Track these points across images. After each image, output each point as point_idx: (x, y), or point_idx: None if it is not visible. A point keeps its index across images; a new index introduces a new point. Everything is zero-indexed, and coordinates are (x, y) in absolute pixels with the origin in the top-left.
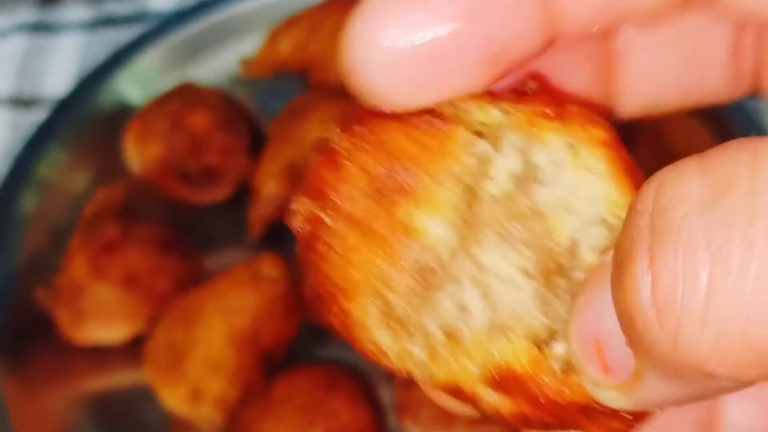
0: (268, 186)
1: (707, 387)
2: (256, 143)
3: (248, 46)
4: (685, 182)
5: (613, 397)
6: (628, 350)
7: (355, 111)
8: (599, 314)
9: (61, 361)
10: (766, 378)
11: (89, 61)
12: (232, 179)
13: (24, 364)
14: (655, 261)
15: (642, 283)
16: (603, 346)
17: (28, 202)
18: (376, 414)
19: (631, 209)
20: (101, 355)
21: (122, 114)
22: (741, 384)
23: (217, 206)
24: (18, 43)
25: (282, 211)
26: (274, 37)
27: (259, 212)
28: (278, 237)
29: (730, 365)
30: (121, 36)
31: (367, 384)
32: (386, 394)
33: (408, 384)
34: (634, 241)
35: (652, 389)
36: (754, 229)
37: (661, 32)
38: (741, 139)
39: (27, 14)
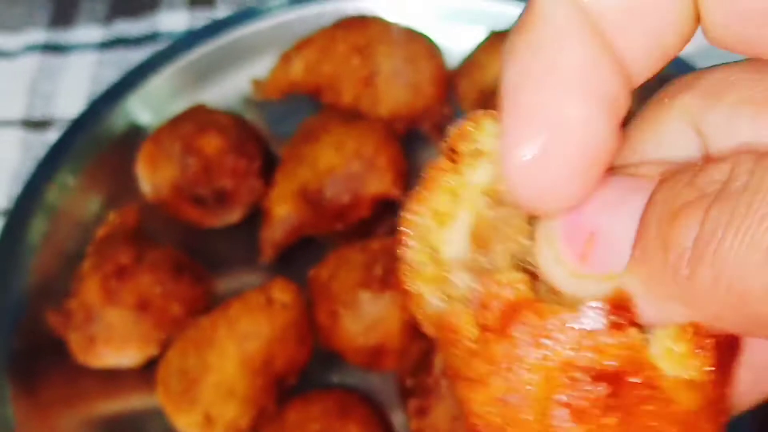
0: (281, 209)
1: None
2: (268, 166)
3: (260, 67)
4: (759, 175)
5: (564, 279)
6: (621, 251)
7: None
8: (614, 214)
9: (72, 384)
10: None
11: (101, 81)
12: (244, 202)
13: (35, 387)
14: (708, 216)
15: (693, 226)
16: (598, 239)
17: (39, 225)
18: None
19: (710, 170)
20: (113, 379)
21: (134, 136)
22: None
23: (229, 229)
24: (29, 63)
25: (294, 235)
26: (286, 58)
27: (271, 235)
28: (291, 260)
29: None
30: (133, 56)
31: (381, 410)
32: (399, 421)
33: (422, 411)
34: (702, 194)
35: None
36: None
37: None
38: None
39: (38, 34)
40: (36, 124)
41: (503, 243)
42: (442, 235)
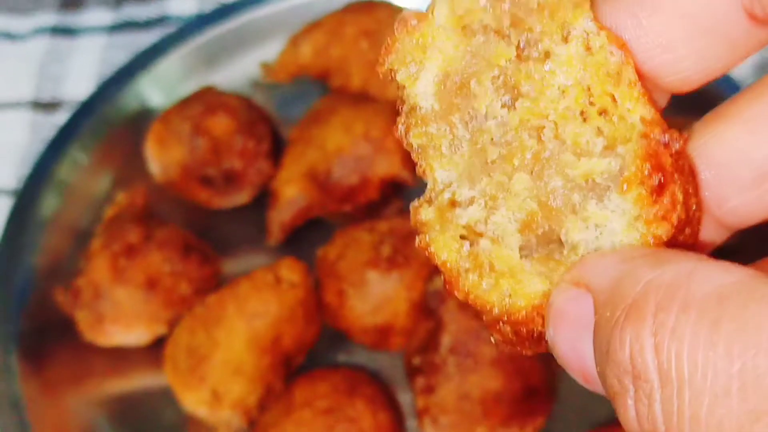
0: (288, 190)
1: None
2: (277, 148)
3: (269, 50)
4: (647, 360)
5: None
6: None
7: None
8: (582, 358)
9: (80, 362)
10: None
11: (110, 65)
12: (252, 183)
13: (43, 365)
14: (639, 415)
15: (632, 420)
16: (587, 376)
17: (49, 204)
18: (395, 419)
19: (615, 362)
20: (121, 357)
21: (143, 117)
22: None
23: (237, 210)
24: (39, 45)
25: (302, 216)
26: (294, 41)
27: (279, 217)
28: (299, 242)
29: None
30: (142, 39)
31: (387, 389)
32: (406, 399)
33: (429, 389)
34: (625, 391)
35: None
36: (682, 411)
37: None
38: (679, 301)
39: (48, 17)
40: (45, 106)
41: (483, 73)
42: (415, 89)
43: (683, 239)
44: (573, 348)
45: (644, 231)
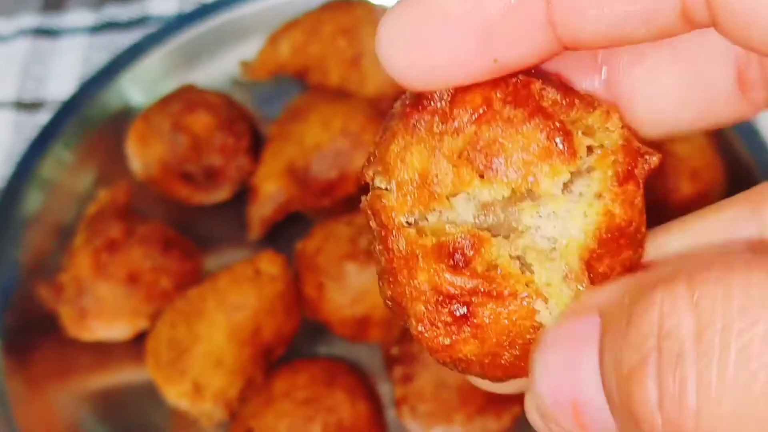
0: (268, 186)
1: None
2: (256, 145)
3: (248, 49)
4: (681, 314)
5: None
6: (608, 418)
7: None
8: (579, 380)
9: (64, 357)
10: None
11: (92, 64)
12: (232, 179)
13: (28, 361)
14: (662, 380)
15: (651, 393)
16: (581, 409)
17: (32, 202)
18: (375, 409)
19: (638, 328)
20: (104, 352)
21: (125, 116)
22: None
23: (218, 207)
24: (21, 46)
25: (282, 211)
26: (273, 40)
27: (259, 212)
28: (278, 236)
29: None
30: (123, 39)
31: (366, 379)
32: (385, 389)
33: (407, 378)
34: (645, 357)
35: None
36: (725, 361)
37: (662, 55)
38: (719, 264)
39: (30, 18)
40: (28, 106)
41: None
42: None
43: (630, 258)
44: (565, 373)
45: (600, 208)
